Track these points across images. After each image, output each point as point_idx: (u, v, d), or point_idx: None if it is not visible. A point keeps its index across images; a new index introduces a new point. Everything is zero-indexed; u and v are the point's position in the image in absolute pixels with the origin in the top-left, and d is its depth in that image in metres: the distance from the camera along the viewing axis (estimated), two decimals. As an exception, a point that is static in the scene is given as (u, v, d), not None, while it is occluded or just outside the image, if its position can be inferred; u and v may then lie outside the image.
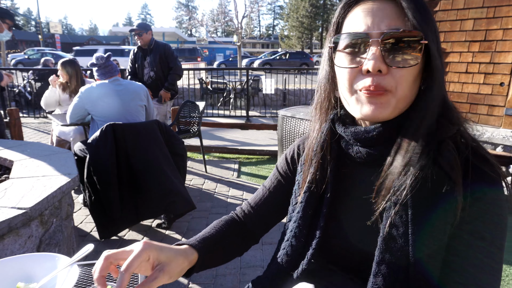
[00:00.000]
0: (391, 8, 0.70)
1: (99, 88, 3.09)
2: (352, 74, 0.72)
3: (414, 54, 0.68)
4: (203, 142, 4.91)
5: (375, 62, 0.67)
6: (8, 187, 1.82)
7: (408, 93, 0.70)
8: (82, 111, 3.17)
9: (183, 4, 74.95)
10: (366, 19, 0.70)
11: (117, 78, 3.19)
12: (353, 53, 0.72)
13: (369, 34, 0.69)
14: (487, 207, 0.66)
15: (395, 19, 0.69)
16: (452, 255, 0.67)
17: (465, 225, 0.66)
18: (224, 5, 30.57)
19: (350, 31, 0.73)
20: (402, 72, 0.68)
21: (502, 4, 3.93)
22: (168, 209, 3.02)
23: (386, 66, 0.68)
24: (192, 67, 13.26)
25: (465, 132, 0.73)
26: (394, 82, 0.68)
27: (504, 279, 2.48)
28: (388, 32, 0.67)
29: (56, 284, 0.87)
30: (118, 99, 3.10)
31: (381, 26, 0.69)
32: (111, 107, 3.09)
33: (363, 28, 0.70)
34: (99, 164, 2.77)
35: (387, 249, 0.67)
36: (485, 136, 4.03)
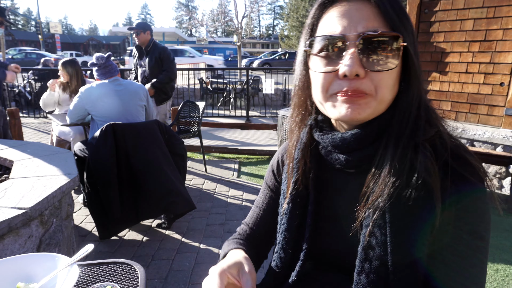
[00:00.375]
0: (367, 9, 0.67)
1: (99, 88, 3.09)
2: (328, 78, 0.69)
3: (392, 56, 0.66)
4: (203, 142, 4.91)
5: (352, 66, 0.65)
6: (8, 187, 1.82)
7: (388, 96, 0.68)
8: (82, 111, 3.17)
9: (183, 4, 74.95)
10: (342, 20, 0.68)
11: (117, 78, 3.19)
12: (329, 56, 0.69)
13: (345, 37, 0.66)
14: (468, 211, 0.65)
15: (372, 20, 0.66)
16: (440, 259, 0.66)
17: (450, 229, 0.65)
18: (224, 5, 30.55)
19: (325, 33, 0.70)
20: (381, 76, 0.66)
21: (502, 4, 3.93)
22: (168, 209, 3.02)
23: (364, 70, 0.65)
24: (192, 67, 13.27)
25: (445, 132, 0.71)
26: (373, 86, 0.66)
27: (504, 279, 2.48)
28: (366, 34, 0.65)
29: (56, 284, 0.87)
30: (118, 99, 3.10)
31: (358, 28, 0.66)
32: (111, 107, 3.09)
33: (339, 30, 0.67)
34: (99, 164, 2.77)
35: (366, 258, 0.66)
36: (485, 136, 4.03)
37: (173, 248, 2.89)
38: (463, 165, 0.66)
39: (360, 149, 0.70)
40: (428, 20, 4.55)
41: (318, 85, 0.72)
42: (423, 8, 4.58)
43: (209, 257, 2.76)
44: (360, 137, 0.70)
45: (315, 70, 0.72)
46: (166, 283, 2.45)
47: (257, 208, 0.97)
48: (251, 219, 0.98)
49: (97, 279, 1.02)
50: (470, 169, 0.66)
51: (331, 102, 0.70)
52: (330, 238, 0.78)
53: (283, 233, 0.81)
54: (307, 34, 0.75)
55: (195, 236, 3.09)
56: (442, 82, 4.52)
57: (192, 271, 2.59)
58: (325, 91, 0.70)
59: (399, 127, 0.68)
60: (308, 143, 0.80)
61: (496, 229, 3.18)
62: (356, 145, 0.70)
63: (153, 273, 2.56)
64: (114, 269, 1.07)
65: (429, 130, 0.68)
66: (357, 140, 0.70)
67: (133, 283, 1.00)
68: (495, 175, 4.06)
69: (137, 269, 1.06)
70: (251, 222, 0.98)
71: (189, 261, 2.71)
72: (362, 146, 0.70)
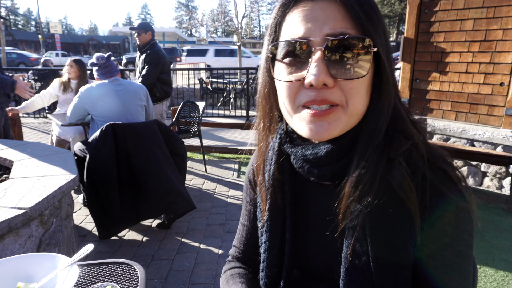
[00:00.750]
0: (333, 8, 0.60)
1: (99, 88, 3.10)
2: (294, 88, 0.63)
3: (363, 62, 0.60)
4: (203, 142, 4.91)
5: (319, 75, 0.58)
6: (8, 187, 1.82)
7: (360, 106, 0.63)
8: (82, 111, 3.18)
9: (183, 4, 74.96)
10: (306, 22, 0.61)
11: (117, 78, 3.20)
12: (293, 63, 0.63)
13: (310, 42, 0.60)
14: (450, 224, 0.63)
15: (340, 21, 0.60)
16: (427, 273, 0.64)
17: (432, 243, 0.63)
18: (224, 5, 30.53)
19: (288, 37, 0.63)
20: (351, 84, 0.60)
21: (502, 4, 3.93)
22: (168, 209, 3.02)
23: (332, 78, 0.59)
24: (192, 67, 13.27)
25: (421, 143, 0.65)
26: (344, 96, 0.61)
27: (504, 279, 2.48)
28: (331, 38, 0.59)
29: (56, 284, 0.87)
30: (117, 99, 3.11)
31: (323, 30, 0.60)
32: (111, 107, 3.09)
33: (302, 33, 0.61)
34: (99, 164, 2.77)
35: (351, 280, 0.64)
36: (485, 136, 4.03)
37: (173, 248, 2.89)
38: (441, 178, 0.63)
39: (333, 163, 0.66)
40: (428, 20, 4.55)
41: (284, 95, 0.66)
42: (423, 8, 4.58)
43: (209, 257, 2.76)
44: (332, 152, 0.65)
45: (279, 78, 0.66)
46: (166, 283, 2.45)
47: (242, 226, 0.94)
48: (240, 240, 0.94)
49: (97, 279, 1.02)
50: (448, 182, 0.63)
51: (299, 116, 0.64)
52: (310, 253, 0.76)
53: (266, 251, 0.77)
54: (270, 37, 0.69)
55: (195, 236, 3.09)
56: (442, 82, 4.52)
57: (192, 271, 2.59)
58: (292, 102, 0.65)
59: (371, 140, 0.63)
60: (279, 155, 0.75)
61: (496, 229, 3.18)
62: (328, 160, 0.66)
63: (153, 273, 2.56)
64: (114, 269, 1.07)
65: (404, 143, 0.63)
66: (329, 154, 0.65)
67: (133, 283, 1.00)
68: (495, 175, 4.06)
69: (137, 269, 1.06)
70: (240, 243, 0.94)
71: (189, 261, 2.71)
72: (335, 160, 0.66)
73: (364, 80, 0.61)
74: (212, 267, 2.63)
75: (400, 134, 0.65)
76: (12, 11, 52.13)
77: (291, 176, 0.75)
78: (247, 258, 0.92)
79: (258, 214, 0.81)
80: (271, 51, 0.66)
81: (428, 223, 0.62)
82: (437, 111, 4.62)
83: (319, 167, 0.68)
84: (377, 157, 0.62)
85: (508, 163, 3.58)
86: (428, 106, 4.71)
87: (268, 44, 0.69)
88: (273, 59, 0.67)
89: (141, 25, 4.37)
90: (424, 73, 4.69)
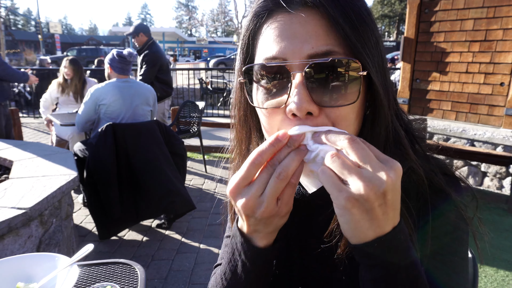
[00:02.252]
0: (315, 22, 0.52)
1: (108, 87, 3.03)
2: (275, 115, 0.55)
3: (352, 87, 0.52)
4: (203, 142, 4.91)
5: (301, 104, 0.50)
6: (8, 187, 1.82)
7: (351, 133, 0.56)
8: (93, 111, 3.06)
9: (183, 4, 74.98)
10: (283, 40, 0.53)
11: (127, 80, 3.14)
12: (272, 88, 0.55)
13: (287, 66, 0.52)
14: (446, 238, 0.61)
15: (322, 38, 0.51)
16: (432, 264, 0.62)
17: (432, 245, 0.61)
18: (224, 5, 30.57)
19: (263, 57, 0.55)
20: (338, 112, 0.53)
21: (502, 4, 3.93)
22: (168, 209, 3.02)
23: (316, 106, 0.52)
24: (192, 67, 13.28)
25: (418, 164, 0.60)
26: (330, 124, 0.53)
27: (504, 279, 2.48)
28: (314, 61, 0.51)
29: (56, 284, 0.87)
30: (126, 99, 3.05)
31: (304, 50, 0.51)
32: (120, 106, 3.02)
33: (279, 53, 0.53)
34: (99, 164, 2.77)
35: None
36: (486, 136, 4.03)
37: (173, 248, 2.89)
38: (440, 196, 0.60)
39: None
40: (428, 20, 4.55)
41: (265, 123, 0.58)
42: (423, 8, 4.58)
43: (209, 257, 2.75)
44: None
45: (256, 105, 0.58)
46: (166, 283, 2.45)
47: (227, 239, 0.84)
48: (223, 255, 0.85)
49: (97, 279, 1.02)
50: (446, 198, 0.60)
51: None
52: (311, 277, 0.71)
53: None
54: (242, 54, 0.60)
55: (195, 236, 3.08)
56: (443, 82, 4.52)
57: (192, 271, 2.59)
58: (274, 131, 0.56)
59: None
60: None
61: (496, 229, 3.18)
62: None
63: (153, 273, 2.55)
64: (114, 269, 1.07)
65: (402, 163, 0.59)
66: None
67: (133, 283, 1.00)
68: (495, 175, 4.06)
69: (137, 269, 1.06)
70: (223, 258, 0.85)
71: (189, 261, 2.71)
72: None
73: (354, 105, 0.54)
74: (212, 267, 2.62)
75: (398, 152, 0.59)
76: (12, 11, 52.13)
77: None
78: None
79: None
80: (245, 73, 0.58)
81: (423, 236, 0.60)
82: (437, 111, 4.62)
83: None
84: None
85: (508, 163, 3.58)
86: (428, 106, 4.71)
87: (240, 63, 0.60)
88: (249, 80, 0.58)
89: (135, 29, 4.44)
90: (424, 73, 4.69)
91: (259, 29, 0.57)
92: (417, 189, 0.60)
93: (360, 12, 0.53)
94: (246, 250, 0.57)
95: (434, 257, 0.61)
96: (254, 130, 0.65)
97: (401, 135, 0.60)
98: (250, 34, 0.58)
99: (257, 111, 0.60)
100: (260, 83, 0.56)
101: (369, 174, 0.43)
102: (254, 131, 0.65)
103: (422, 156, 0.63)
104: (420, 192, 0.60)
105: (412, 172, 0.59)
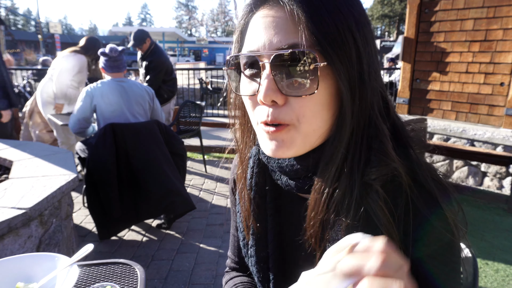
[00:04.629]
0: (287, 17, 0.55)
1: (102, 86, 2.98)
2: (252, 103, 0.61)
3: (312, 78, 0.54)
4: (203, 142, 4.91)
5: (266, 91, 0.55)
6: (8, 187, 1.82)
7: (318, 124, 0.58)
8: (89, 110, 3.00)
9: (183, 4, 74.95)
10: (261, 32, 0.57)
11: (122, 79, 3.08)
12: (251, 76, 0.60)
13: (259, 56, 0.56)
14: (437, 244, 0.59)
15: (291, 32, 0.54)
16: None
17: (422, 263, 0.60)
18: (224, 5, 30.55)
19: (246, 48, 0.60)
20: (302, 102, 0.55)
21: (502, 4, 3.93)
22: (168, 209, 3.02)
23: (281, 95, 0.55)
24: (192, 67, 13.28)
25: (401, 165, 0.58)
26: (295, 115, 0.56)
27: (504, 279, 2.48)
28: (277, 52, 0.54)
29: (56, 284, 0.87)
30: (121, 98, 2.97)
31: (273, 43, 0.55)
32: (114, 106, 2.98)
33: (256, 45, 0.58)
34: (99, 164, 2.77)
35: None
36: (486, 136, 4.03)
37: (173, 248, 2.89)
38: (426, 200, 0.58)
39: (307, 177, 0.63)
40: (429, 20, 4.55)
41: (247, 109, 0.63)
42: (424, 8, 4.58)
43: (209, 257, 2.75)
44: (297, 170, 0.62)
45: (240, 92, 0.63)
46: (166, 283, 2.45)
47: (233, 236, 0.92)
48: (233, 251, 0.92)
49: (97, 279, 1.02)
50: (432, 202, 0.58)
51: (259, 132, 0.62)
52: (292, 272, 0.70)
53: (254, 265, 0.74)
54: (236, 43, 0.65)
55: (195, 236, 3.08)
56: (443, 82, 4.52)
57: (192, 271, 2.59)
58: (253, 117, 0.62)
59: (340, 162, 0.58)
60: (258, 165, 0.72)
61: (496, 229, 3.17)
62: (305, 172, 0.62)
63: (153, 273, 2.55)
64: (114, 269, 1.07)
65: (383, 167, 0.57)
66: (297, 171, 0.63)
67: (132, 283, 1.00)
68: (495, 175, 4.06)
69: (136, 269, 1.06)
70: (235, 254, 0.92)
71: (189, 261, 2.71)
72: (312, 173, 0.62)
73: (318, 97, 0.55)
74: (212, 267, 2.62)
75: (379, 156, 0.58)
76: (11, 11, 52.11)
77: (272, 188, 0.72)
78: (245, 267, 0.89)
79: (239, 224, 0.78)
80: (230, 64, 0.63)
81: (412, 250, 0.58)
82: (437, 111, 4.62)
83: (296, 179, 0.64)
84: (350, 182, 0.57)
85: (508, 163, 3.58)
86: (428, 106, 4.71)
87: (233, 50, 0.65)
88: (235, 69, 0.64)
89: (136, 40, 4.41)
90: (424, 73, 4.69)
91: (250, 20, 0.61)
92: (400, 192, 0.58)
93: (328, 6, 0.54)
94: None
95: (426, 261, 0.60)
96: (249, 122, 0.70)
97: (383, 136, 0.58)
98: (241, 29, 0.63)
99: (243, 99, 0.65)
100: (245, 72, 0.61)
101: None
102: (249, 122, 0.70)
103: (415, 162, 0.61)
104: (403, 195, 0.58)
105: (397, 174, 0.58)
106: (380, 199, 0.56)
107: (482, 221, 3.31)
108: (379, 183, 0.57)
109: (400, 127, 0.64)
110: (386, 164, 0.57)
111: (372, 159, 0.58)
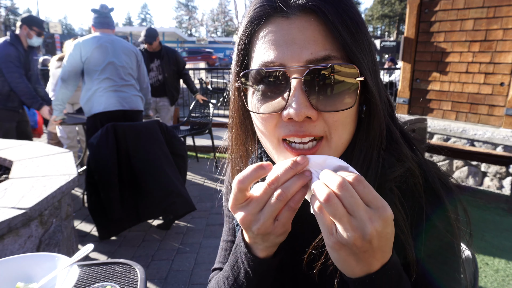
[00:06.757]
0: (313, 28, 0.52)
1: (91, 40, 3.03)
2: (272, 120, 0.56)
3: (349, 92, 0.53)
4: (203, 142, 4.92)
5: (300, 109, 0.51)
6: (8, 187, 1.82)
7: (345, 137, 0.57)
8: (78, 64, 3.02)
9: (183, 4, 74.94)
10: (281, 45, 0.53)
11: (110, 35, 3.14)
12: (268, 91, 0.55)
13: (286, 72, 0.52)
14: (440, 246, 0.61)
15: (321, 43, 0.52)
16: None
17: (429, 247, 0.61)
18: (224, 5, 30.53)
19: (260, 61, 0.55)
20: (336, 117, 0.54)
21: (502, 4, 3.93)
22: (169, 210, 3.02)
23: (315, 111, 0.52)
24: (192, 67, 13.26)
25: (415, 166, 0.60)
26: (328, 128, 0.54)
27: (504, 279, 2.48)
28: (313, 67, 0.51)
29: (56, 284, 0.87)
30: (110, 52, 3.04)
31: (303, 55, 0.52)
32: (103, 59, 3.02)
33: (278, 58, 0.53)
34: (100, 164, 2.77)
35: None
36: (486, 136, 4.03)
37: (173, 248, 2.89)
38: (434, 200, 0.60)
39: None
40: (429, 20, 4.55)
41: (261, 128, 0.58)
42: (424, 8, 4.58)
43: (209, 257, 2.75)
44: None
45: (253, 110, 0.58)
46: (166, 283, 2.45)
47: (226, 243, 0.86)
48: (225, 258, 0.85)
49: (97, 279, 1.02)
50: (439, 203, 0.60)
51: (281, 152, 0.57)
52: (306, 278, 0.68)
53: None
54: (238, 59, 0.60)
55: (195, 236, 3.08)
56: (443, 82, 4.52)
57: (192, 271, 2.59)
58: (271, 137, 0.57)
59: (360, 168, 0.57)
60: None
61: (496, 229, 3.17)
62: None
63: (153, 273, 2.55)
64: (114, 269, 1.07)
65: (397, 168, 0.59)
66: None
67: (132, 283, 1.00)
68: (495, 175, 4.06)
69: (136, 269, 1.06)
70: (224, 262, 0.85)
71: (189, 261, 2.71)
72: None
73: (350, 110, 0.55)
74: (212, 267, 2.62)
75: (393, 157, 0.60)
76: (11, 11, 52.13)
77: None
78: None
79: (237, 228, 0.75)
80: (241, 78, 0.58)
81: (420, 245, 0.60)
82: (438, 111, 4.62)
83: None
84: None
85: (508, 163, 3.58)
86: (429, 106, 4.71)
87: (236, 66, 0.60)
88: (246, 83, 0.58)
89: (149, 35, 4.48)
90: (424, 73, 4.69)
91: (256, 33, 0.57)
92: (413, 193, 0.60)
93: (355, 17, 0.54)
94: (248, 260, 0.60)
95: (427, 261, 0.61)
96: (250, 139, 0.68)
97: (398, 137, 0.61)
98: (246, 38, 0.58)
99: (253, 118, 0.61)
100: (257, 87, 0.56)
101: (356, 223, 0.45)
102: (250, 140, 0.68)
103: (422, 161, 0.63)
104: (415, 196, 0.60)
105: (411, 174, 0.60)
106: (396, 199, 0.58)
107: (482, 221, 3.31)
108: (395, 183, 0.59)
109: (403, 128, 0.66)
110: (402, 164, 0.59)
111: (387, 160, 0.59)
